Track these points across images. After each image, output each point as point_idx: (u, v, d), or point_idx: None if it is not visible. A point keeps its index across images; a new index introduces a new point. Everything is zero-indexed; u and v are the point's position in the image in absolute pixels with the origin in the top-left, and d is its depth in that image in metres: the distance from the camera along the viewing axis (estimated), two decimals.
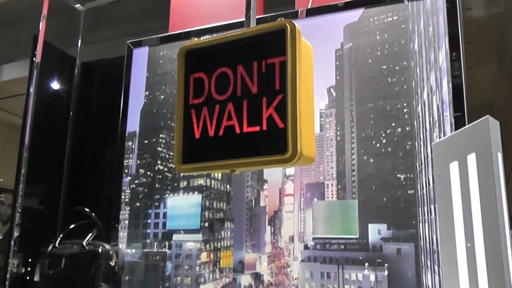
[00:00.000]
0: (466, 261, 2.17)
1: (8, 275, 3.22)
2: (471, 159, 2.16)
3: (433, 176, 2.34)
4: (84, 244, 2.87)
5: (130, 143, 3.33)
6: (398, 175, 2.51)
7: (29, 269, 3.25)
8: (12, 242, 3.24)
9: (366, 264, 2.48)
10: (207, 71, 1.67)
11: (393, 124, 2.56)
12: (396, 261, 2.43)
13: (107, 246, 2.89)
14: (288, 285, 2.70)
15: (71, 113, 3.78)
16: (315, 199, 2.70)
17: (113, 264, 2.88)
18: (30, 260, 3.27)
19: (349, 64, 2.72)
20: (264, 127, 1.85)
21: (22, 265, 3.26)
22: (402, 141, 2.53)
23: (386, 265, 2.45)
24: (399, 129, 2.54)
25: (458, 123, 2.37)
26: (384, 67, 2.64)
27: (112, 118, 3.36)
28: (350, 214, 2.57)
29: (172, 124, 3.16)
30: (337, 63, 2.75)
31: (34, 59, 3.58)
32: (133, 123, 3.34)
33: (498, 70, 6.25)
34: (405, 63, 2.60)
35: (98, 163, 3.67)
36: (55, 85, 3.74)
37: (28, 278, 3.23)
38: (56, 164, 3.61)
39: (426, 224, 2.38)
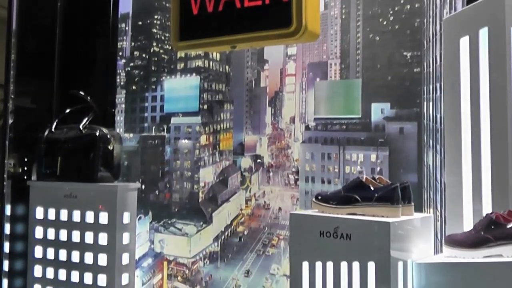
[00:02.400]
0: (471, 138, 2.15)
1: (5, 175, 3.18)
2: (483, 33, 2.07)
3: (440, 53, 2.26)
4: (81, 128, 2.81)
5: (123, 25, 3.19)
6: (405, 53, 2.42)
7: (25, 168, 3.21)
8: (7, 142, 3.17)
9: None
10: None
11: (402, 1, 2.43)
12: (398, 141, 2.41)
13: (105, 130, 2.83)
14: (288, 166, 2.70)
15: None
16: (318, 79, 2.63)
17: (112, 148, 2.84)
18: (26, 160, 3.22)
19: None
20: (267, 1, 1.73)
21: (18, 165, 3.22)
22: (410, 18, 2.41)
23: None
24: (408, 6, 2.41)
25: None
26: None
27: None
28: (353, 94, 2.51)
29: (167, 5, 3.00)
30: None
31: None
32: (125, 5, 3.18)
33: None
34: None
35: (90, 46, 3.53)
36: None
37: (25, 177, 3.19)
38: (47, 50, 3.46)
39: (431, 103, 2.33)
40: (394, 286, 1.77)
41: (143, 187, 2.98)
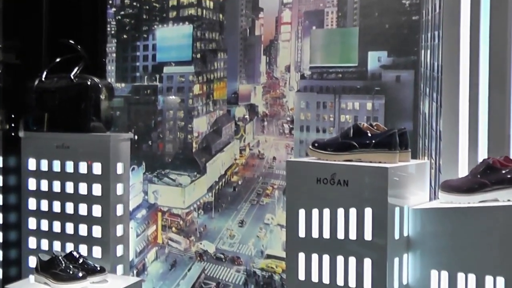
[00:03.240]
0: (469, 86, 2.14)
1: None
2: None
3: (440, 0, 2.22)
4: (72, 77, 2.76)
5: None
6: (403, 1, 2.38)
7: (13, 125, 3.15)
8: None
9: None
10: None
11: None
12: (395, 89, 2.39)
13: (96, 79, 2.78)
14: (283, 116, 2.68)
15: None
16: (314, 27, 2.59)
17: (103, 97, 2.80)
18: (16, 110, 3.16)
19: None
20: None
21: (5, 121, 3.16)
22: None
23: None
24: None
25: None
26: None
27: None
28: (349, 42, 2.47)
29: None
30: None
31: None
32: None
33: None
34: None
35: None
36: None
37: (16, 129, 3.13)
38: None
39: (428, 51, 2.31)
40: (390, 232, 1.78)
41: (136, 137, 2.95)
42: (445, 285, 1.79)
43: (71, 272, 2.48)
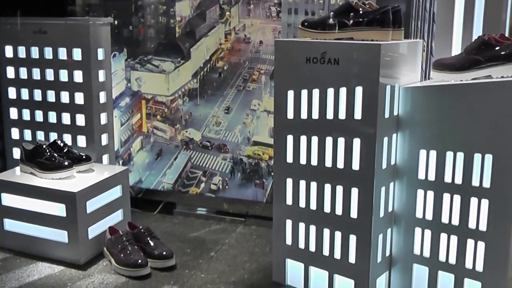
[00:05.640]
0: None
1: None
2: None
3: None
4: None
5: None
6: None
7: None
8: None
9: None
10: None
11: None
12: None
13: None
14: None
15: None
16: None
17: None
18: None
19: None
20: None
21: None
22: None
23: None
24: None
25: None
26: None
27: None
28: None
29: None
30: None
31: None
32: None
33: None
34: None
35: None
36: None
37: None
38: None
39: None
40: (381, 110, 1.76)
41: (116, 22, 2.82)
42: (433, 164, 1.80)
43: (56, 161, 2.45)
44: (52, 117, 2.81)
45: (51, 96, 2.79)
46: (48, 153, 2.47)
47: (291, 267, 2.09)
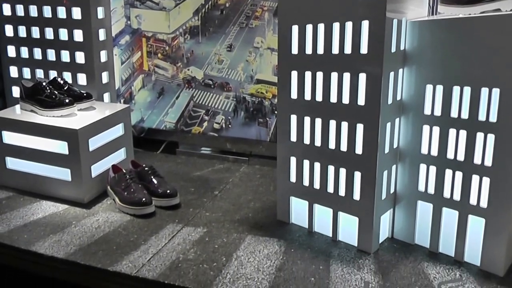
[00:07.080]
0: None
1: None
2: None
3: None
4: None
5: None
6: None
7: None
8: None
9: None
10: None
11: None
12: None
13: None
14: None
15: None
16: None
17: None
18: None
19: None
20: None
21: None
22: None
23: None
24: None
25: None
26: None
27: None
28: None
29: None
30: None
31: None
32: None
33: None
34: None
35: None
36: None
37: None
38: None
39: None
40: (387, 45, 1.71)
41: None
42: (439, 99, 1.77)
43: (57, 98, 2.42)
44: (51, 54, 2.77)
45: (49, 33, 2.73)
46: (49, 91, 2.44)
47: (295, 205, 2.09)
